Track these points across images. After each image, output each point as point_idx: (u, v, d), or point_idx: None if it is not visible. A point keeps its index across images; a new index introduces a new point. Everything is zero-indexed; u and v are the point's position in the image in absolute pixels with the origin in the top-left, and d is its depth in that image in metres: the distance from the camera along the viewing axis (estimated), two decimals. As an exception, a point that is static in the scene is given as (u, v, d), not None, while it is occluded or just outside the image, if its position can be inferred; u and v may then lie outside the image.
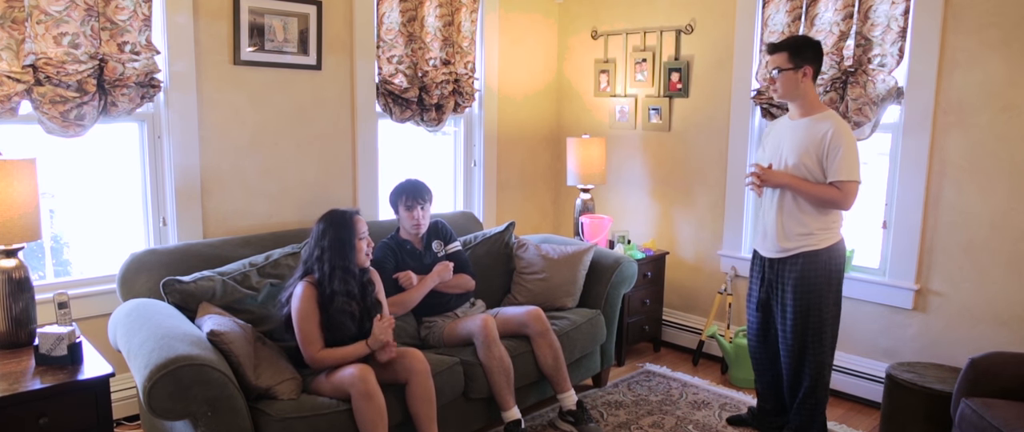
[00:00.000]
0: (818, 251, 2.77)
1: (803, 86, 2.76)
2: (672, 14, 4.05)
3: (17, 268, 2.37)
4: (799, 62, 2.73)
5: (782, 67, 2.76)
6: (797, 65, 2.73)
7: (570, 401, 3.06)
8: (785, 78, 2.76)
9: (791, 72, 2.74)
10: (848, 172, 2.67)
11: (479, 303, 3.33)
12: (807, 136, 2.74)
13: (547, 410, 3.30)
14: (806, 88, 2.76)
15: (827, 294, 2.79)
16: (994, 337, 3.09)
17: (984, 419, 2.37)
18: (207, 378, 2.10)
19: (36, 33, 2.56)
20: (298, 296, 2.55)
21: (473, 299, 3.32)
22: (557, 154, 4.72)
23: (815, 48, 2.77)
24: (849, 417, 3.33)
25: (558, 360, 3.04)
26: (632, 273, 3.54)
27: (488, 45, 4.18)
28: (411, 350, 2.65)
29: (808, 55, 2.74)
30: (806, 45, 2.77)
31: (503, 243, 3.63)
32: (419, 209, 3.13)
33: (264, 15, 3.18)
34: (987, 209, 3.07)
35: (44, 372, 2.19)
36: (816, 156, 2.72)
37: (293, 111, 3.38)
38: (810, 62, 2.74)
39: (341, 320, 2.57)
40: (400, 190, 3.18)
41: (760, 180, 2.82)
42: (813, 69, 2.75)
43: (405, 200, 3.14)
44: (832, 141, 2.68)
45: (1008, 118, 2.99)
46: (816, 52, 2.77)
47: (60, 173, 2.95)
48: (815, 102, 2.80)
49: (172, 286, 2.59)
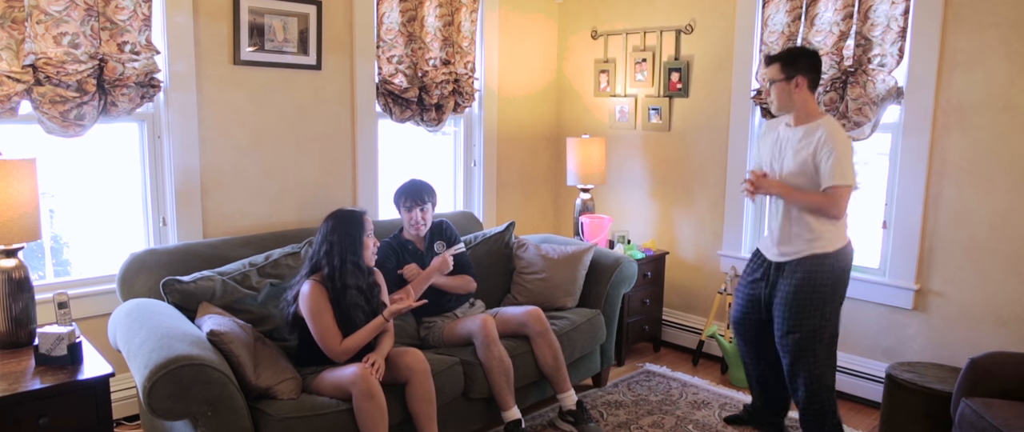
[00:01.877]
0: (824, 255, 2.72)
1: (797, 97, 2.74)
2: (672, 14, 4.05)
3: (17, 268, 2.37)
4: (792, 73, 2.71)
5: (774, 79, 2.75)
6: (789, 75, 2.72)
7: (570, 401, 3.06)
8: (778, 89, 2.76)
9: (783, 83, 2.73)
10: (839, 176, 2.63)
11: (479, 303, 3.33)
12: (804, 143, 2.72)
13: (547, 410, 3.30)
14: (802, 98, 2.74)
15: (830, 300, 2.75)
16: (994, 337, 3.09)
17: (984, 419, 2.37)
18: (207, 378, 2.10)
19: (36, 33, 2.56)
20: (306, 294, 2.55)
21: (473, 299, 3.32)
22: (557, 154, 4.72)
23: (810, 58, 2.75)
24: (849, 417, 3.33)
25: (558, 360, 3.04)
26: (632, 273, 3.54)
27: (488, 45, 4.18)
28: (411, 350, 2.65)
29: (802, 65, 2.72)
30: (801, 55, 2.74)
31: (503, 243, 3.63)
32: (419, 211, 3.14)
33: (264, 15, 3.18)
34: (987, 209, 3.07)
35: (44, 372, 2.19)
36: (813, 163, 2.69)
37: (293, 111, 3.38)
38: (804, 72, 2.71)
39: (353, 314, 2.58)
40: (402, 191, 3.19)
41: (754, 187, 2.80)
42: (807, 79, 2.72)
43: (405, 201, 3.15)
44: (824, 146, 2.65)
45: (1008, 118, 2.99)
46: (811, 62, 2.74)
47: (60, 173, 2.95)
48: (813, 111, 2.77)
49: (172, 286, 2.59)
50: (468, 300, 3.28)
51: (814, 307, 2.74)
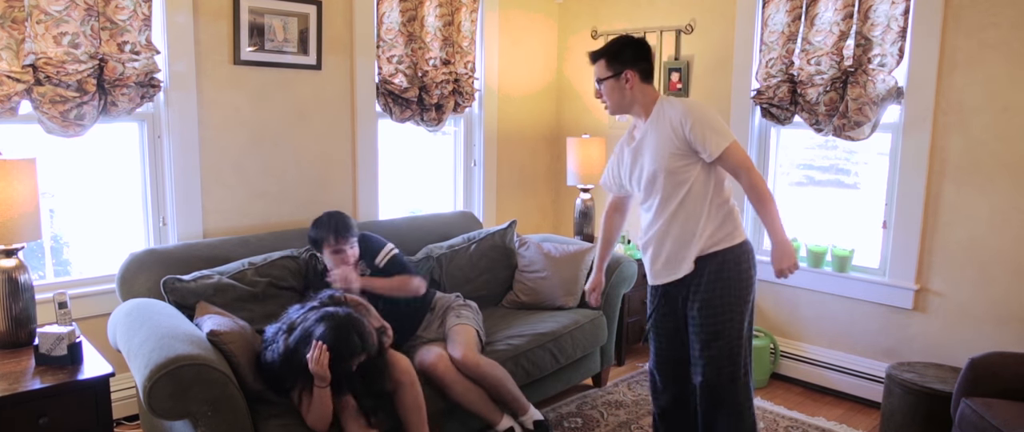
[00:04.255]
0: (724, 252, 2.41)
1: (631, 93, 2.42)
2: (672, 14, 4.05)
3: (17, 268, 2.37)
4: (618, 68, 2.40)
5: (602, 77, 2.44)
6: (617, 71, 2.40)
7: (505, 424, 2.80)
8: (608, 87, 2.44)
9: (613, 80, 2.42)
10: (719, 137, 2.31)
11: (472, 305, 3.10)
12: (658, 134, 2.40)
13: (546, 411, 3.30)
14: (636, 93, 2.43)
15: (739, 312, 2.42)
16: (994, 337, 3.10)
17: (984, 419, 2.37)
18: (207, 378, 2.10)
19: (36, 33, 2.56)
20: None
21: (466, 301, 3.10)
22: (557, 154, 4.72)
23: (636, 48, 2.43)
24: (849, 417, 3.33)
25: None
26: (632, 273, 3.54)
27: (488, 45, 4.18)
28: (398, 358, 2.57)
29: (626, 57, 2.41)
30: (625, 46, 2.43)
31: (504, 241, 3.63)
32: (348, 247, 2.80)
33: (264, 15, 3.18)
34: (987, 209, 3.07)
35: (44, 372, 2.19)
36: (678, 145, 2.36)
37: (293, 111, 3.38)
38: (630, 65, 2.40)
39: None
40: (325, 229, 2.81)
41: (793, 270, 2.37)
42: (637, 71, 2.41)
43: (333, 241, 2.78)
44: (682, 119, 2.33)
45: (1008, 118, 2.99)
46: (636, 51, 2.42)
47: (60, 173, 2.95)
48: (651, 100, 2.45)
49: (172, 285, 2.59)
50: (427, 310, 3.02)
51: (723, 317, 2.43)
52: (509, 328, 3.15)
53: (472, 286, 3.48)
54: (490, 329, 3.14)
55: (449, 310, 3.01)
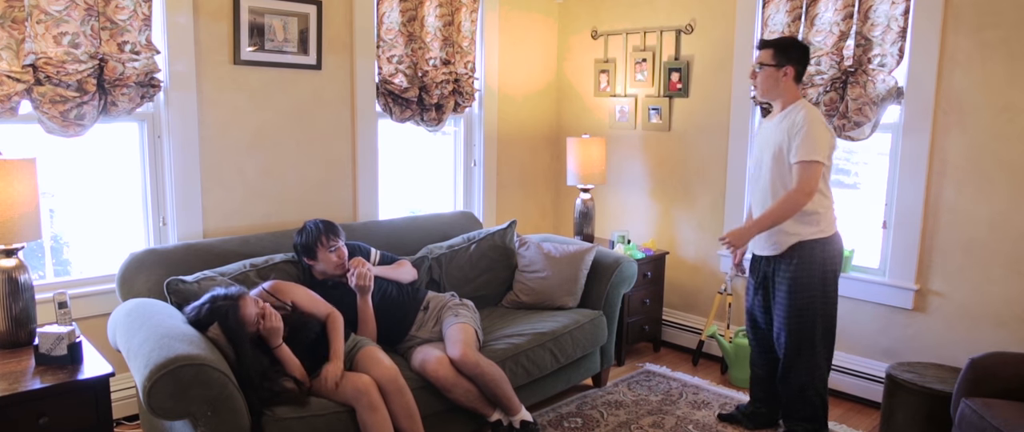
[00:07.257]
0: (812, 243, 2.78)
1: (783, 85, 2.80)
2: (672, 14, 4.05)
3: (17, 268, 2.37)
4: (782, 61, 2.77)
5: (765, 63, 2.80)
6: (780, 63, 2.78)
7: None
8: (766, 74, 2.81)
9: (772, 69, 2.79)
10: (804, 153, 2.68)
11: (469, 304, 3.10)
12: (781, 126, 2.78)
13: (546, 410, 3.30)
14: (786, 87, 2.80)
15: (819, 293, 2.81)
16: (994, 337, 3.09)
17: (984, 419, 2.37)
18: (207, 378, 2.10)
19: (36, 33, 2.56)
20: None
21: (462, 300, 3.11)
22: (557, 154, 4.72)
23: (802, 50, 2.82)
24: (849, 417, 3.33)
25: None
26: (632, 273, 3.54)
27: (488, 45, 4.18)
28: (384, 366, 2.57)
29: (793, 55, 2.78)
30: (793, 46, 2.81)
31: (504, 241, 3.63)
32: (341, 243, 2.91)
33: (264, 15, 3.18)
34: (987, 209, 3.07)
35: (44, 372, 2.19)
36: (786, 143, 2.75)
37: (293, 111, 3.38)
38: (793, 62, 2.78)
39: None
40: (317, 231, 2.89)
41: (733, 247, 2.85)
42: (795, 70, 2.79)
43: (326, 240, 2.87)
44: (797, 125, 2.71)
45: (1008, 118, 2.99)
46: (802, 54, 2.81)
47: (60, 173, 2.95)
48: (793, 98, 2.83)
49: (175, 286, 2.60)
50: (420, 307, 3.02)
51: (806, 299, 2.80)
52: (509, 327, 3.16)
53: (472, 286, 3.48)
54: (490, 328, 3.15)
55: (445, 309, 3.01)
